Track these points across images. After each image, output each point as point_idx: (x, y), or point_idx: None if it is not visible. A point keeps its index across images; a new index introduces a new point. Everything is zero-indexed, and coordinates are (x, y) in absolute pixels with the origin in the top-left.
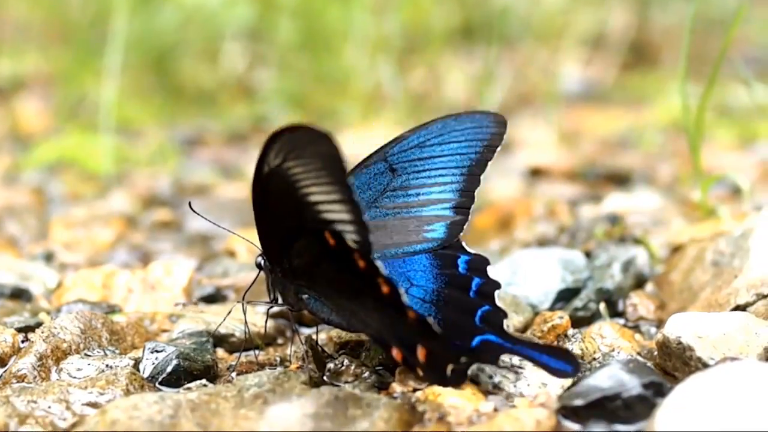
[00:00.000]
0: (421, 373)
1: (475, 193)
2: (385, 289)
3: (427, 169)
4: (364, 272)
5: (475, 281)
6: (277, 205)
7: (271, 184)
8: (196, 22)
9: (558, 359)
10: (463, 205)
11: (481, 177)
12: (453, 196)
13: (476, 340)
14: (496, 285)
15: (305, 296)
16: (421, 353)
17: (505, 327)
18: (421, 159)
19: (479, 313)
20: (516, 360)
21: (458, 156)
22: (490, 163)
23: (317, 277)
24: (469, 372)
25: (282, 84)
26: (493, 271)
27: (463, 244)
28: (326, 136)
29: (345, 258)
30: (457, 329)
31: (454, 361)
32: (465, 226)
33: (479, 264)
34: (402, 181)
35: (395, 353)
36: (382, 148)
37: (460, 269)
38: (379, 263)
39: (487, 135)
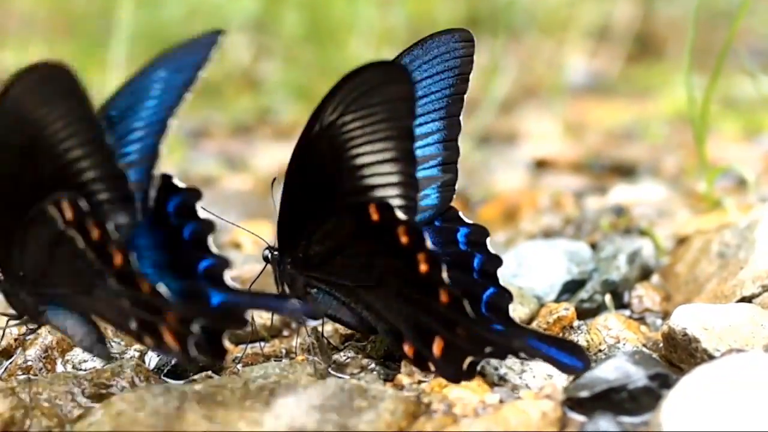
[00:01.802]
0: (433, 367)
1: (458, 142)
2: (423, 267)
3: None
4: (405, 249)
5: (477, 259)
6: (315, 176)
7: (318, 147)
8: (201, 14)
9: (567, 354)
10: (450, 160)
11: (460, 118)
12: (437, 150)
13: None
14: (498, 261)
15: (314, 290)
16: (437, 346)
17: (511, 315)
18: None
19: (485, 298)
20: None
21: (433, 96)
22: (465, 96)
23: (336, 266)
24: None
25: (287, 76)
26: (492, 244)
27: (460, 214)
28: (405, 74)
29: (384, 235)
30: None
31: (477, 353)
32: (455, 186)
33: (479, 236)
34: None
35: (407, 348)
36: None
37: (460, 245)
38: (426, 235)
39: (457, 61)
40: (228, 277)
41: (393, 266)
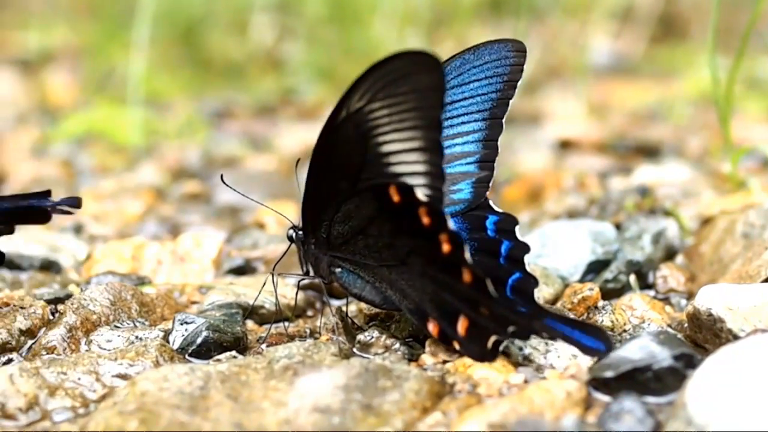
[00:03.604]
0: (458, 346)
1: (499, 143)
2: (446, 247)
3: (449, 118)
4: (427, 230)
5: (505, 245)
6: (340, 160)
7: (344, 132)
8: None
9: (590, 336)
10: (488, 158)
11: (503, 121)
12: (477, 148)
13: None
14: (526, 248)
15: (338, 270)
16: (462, 325)
17: (536, 298)
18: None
19: (510, 282)
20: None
21: (479, 98)
22: (511, 101)
23: (359, 246)
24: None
25: (311, 56)
26: (520, 232)
27: (491, 203)
28: (437, 64)
29: (405, 216)
30: None
31: (501, 332)
32: (491, 183)
33: (508, 224)
34: None
35: (432, 327)
36: None
37: (488, 232)
38: (447, 216)
39: (507, 69)
40: None
41: (416, 246)
